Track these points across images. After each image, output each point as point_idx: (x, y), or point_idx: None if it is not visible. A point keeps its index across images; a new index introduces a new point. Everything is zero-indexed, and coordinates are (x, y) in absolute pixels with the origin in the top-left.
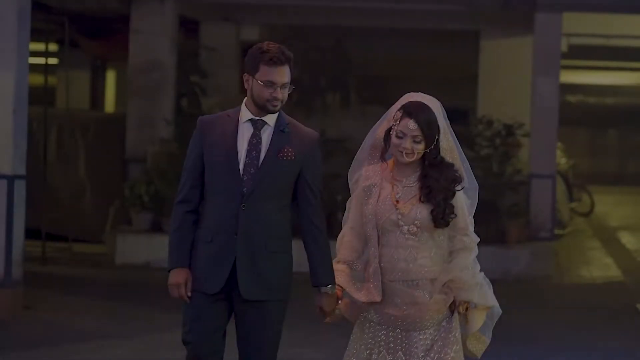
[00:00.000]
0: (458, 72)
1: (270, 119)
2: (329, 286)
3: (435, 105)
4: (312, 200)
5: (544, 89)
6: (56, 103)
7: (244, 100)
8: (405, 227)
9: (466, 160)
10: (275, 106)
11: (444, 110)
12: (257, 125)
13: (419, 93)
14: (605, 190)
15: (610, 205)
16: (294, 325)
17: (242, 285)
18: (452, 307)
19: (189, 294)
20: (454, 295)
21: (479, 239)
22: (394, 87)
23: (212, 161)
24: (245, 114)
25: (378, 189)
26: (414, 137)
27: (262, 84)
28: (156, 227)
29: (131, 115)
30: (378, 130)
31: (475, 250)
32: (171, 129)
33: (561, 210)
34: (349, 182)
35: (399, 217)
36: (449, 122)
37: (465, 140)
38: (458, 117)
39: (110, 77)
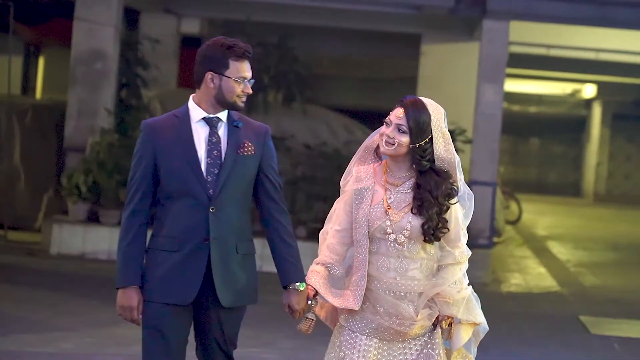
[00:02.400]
0: (399, 74)
1: (223, 116)
2: (298, 284)
3: (436, 110)
4: (274, 195)
5: (488, 96)
6: None
7: (191, 98)
8: (393, 236)
9: (461, 171)
10: (244, 102)
11: (446, 119)
12: (213, 122)
13: (429, 99)
14: (528, 199)
15: (534, 214)
16: (246, 324)
17: (221, 292)
18: (435, 322)
19: (141, 316)
20: (438, 309)
21: (470, 253)
22: (335, 87)
23: (169, 166)
24: (196, 112)
25: (371, 193)
26: (398, 125)
27: (234, 80)
28: (93, 218)
29: (71, 103)
30: (378, 132)
31: (466, 264)
32: (112, 119)
33: (497, 218)
34: (341, 184)
35: (389, 224)
36: (449, 133)
37: None
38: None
39: (40, 64)
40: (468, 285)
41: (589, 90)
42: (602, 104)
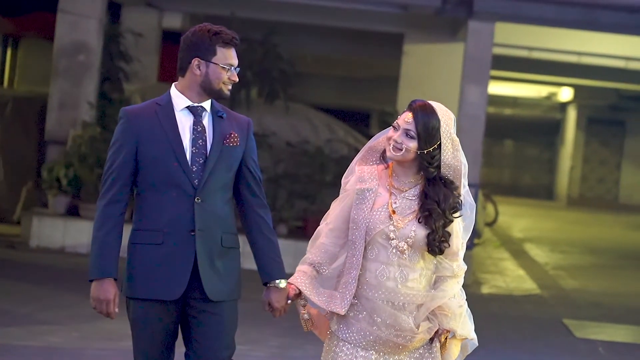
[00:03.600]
0: (381, 74)
1: (207, 105)
2: (278, 281)
3: (446, 115)
4: (256, 189)
5: (472, 97)
6: None
7: (174, 86)
8: (395, 242)
9: (466, 178)
10: (230, 90)
11: (455, 125)
12: (197, 111)
13: (438, 103)
14: (501, 201)
15: (509, 216)
16: None
17: (208, 286)
18: (434, 336)
19: (117, 309)
20: (438, 322)
21: (466, 267)
22: (318, 86)
23: (152, 155)
24: (179, 101)
25: (374, 195)
26: (406, 130)
27: (222, 67)
28: (73, 211)
29: (53, 96)
30: (384, 134)
31: (462, 279)
32: (94, 112)
33: (477, 220)
34: (342, 182)
35: (392, 229)
36: (457, 139)
37: None
38: (362, 118)
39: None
40: (465, 300)
41: (565, 94)
42: (578, 108)
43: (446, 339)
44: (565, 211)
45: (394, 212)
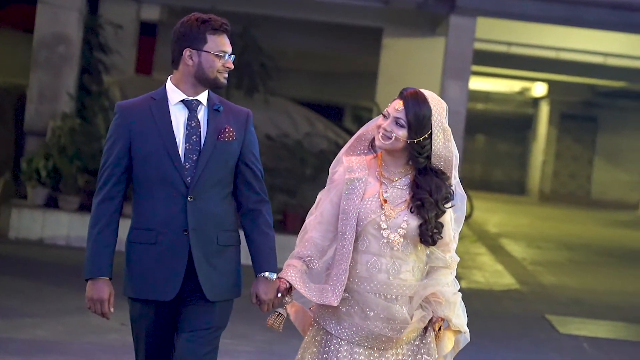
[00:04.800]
0: (359, 68)
1: (203, 98)
2: (269, 273)
3: (438, 104)
4: (255, 184)
5: (453, 93)
6: None
7: (169, 79)
8: (387, 232)
9: (457, 169)
10: (226, 78)
11: (447, 115)
12: (192, 105)
13: (430, 92)
14: (473, 196)
15: (483, 211)
16: None
17: (206, 285)
18: (427, 324)
19: (112, 309)
20: (432, 310)
21: (458, 259)
22: (297, 79)
23: (145, 152)
24: (174, 95)
25: (363, 184)
26: (396, 118)
27: (214, 54)
28: (52, 203)
29: (33, 87)
30: (374, 122)
31: (455, 270)
32: (73, 104)
33: None
34: (329, 172)
35: (383, 219)
36: (449, 129)
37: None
38: (335, 112)
39: None
40: (459, 291)
41: (539, 89)
42: (551, 103)
43: (440, 328)
44: (537, 206)
45: (385, 201)
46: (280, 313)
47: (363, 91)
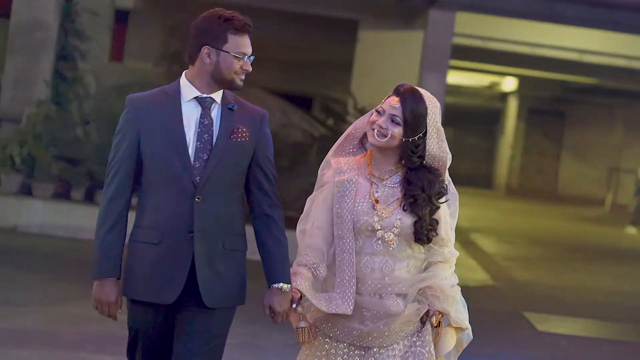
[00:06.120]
0: (334, 59)
1: (217, 96)
2: (283, 284)
3: (432, 103)
4: (268, 188)
5: (431, 86)
6: None
7: (184, 75)
8: (380, 232)
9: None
10: (242, 80)
11: (441, 114)
12: (206, 103)
13: (425, 90)
14: None
15: None
16: None
17: (205, 291)
18: (424, 318)
19: (120, 311)
20: (429, 304)
21: (457, 254)
22: (271, 70)
23: (153, 148)
24: (188, 90)
25: (354, 185)
26: (392, 115)
27: (233, 55)
28: (26, 190)
29: (9, 73)
30: (365, 119)
31: (453, 265)
32: (49, 90)
33: None
34: (318, 174)
35: (376, 219)
36: (442, 129)
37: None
38: (302, 102)
39: None
40: (457, 284)
41: (509, 84)
42: (519, 98)
43: (440, 323)
44: (504, 201)
45: (377, 201)
46: (303, 327)
47: (333, 82)
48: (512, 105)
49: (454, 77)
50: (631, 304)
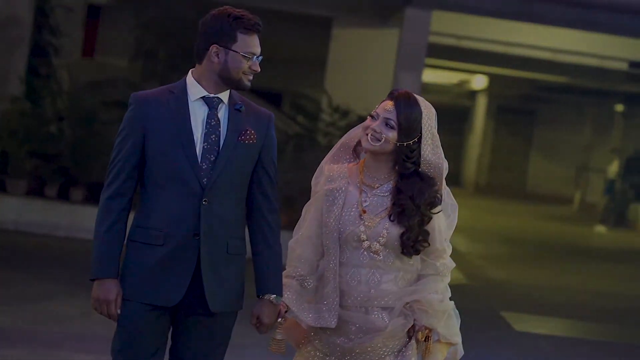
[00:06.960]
0: (307, 57)
1: (224, 97)
2: (274, 296)
3: (427, 108)
4: (270, 192)
5: (406, 85)
6: None
7: (191, 73)
8: (367, 243)
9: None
10: (250, 80)
11: (437, 120)
12: (213, 103)
13: (419, 96)
14: None
15: None
16: None
17: (209, 295)
18: (410, 333)
19: (119, 311)
20: (415, 319)
21: (454, 265)
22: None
23: (159, 148)
24: (195, 90)
25: (343, 194)
26: (386, 119)
27: (242, 55)
28: None
29: None
30: (358, 128)
31: (448, 278)
32: (23, 87)
33: None
34: (312, 184)
35: (362, 229)
36: (437, 135)
37: (318, 130)
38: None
39: None
40: (450, 299)
41: (478, 82)
42: (489, 96)
43: (428, 339)
44: (473, 198)
45: (364, 211)
46: (279, 339)
47: (303, 78)
48: (482, 103)
49: (424, 75)
50: (604, 303)
